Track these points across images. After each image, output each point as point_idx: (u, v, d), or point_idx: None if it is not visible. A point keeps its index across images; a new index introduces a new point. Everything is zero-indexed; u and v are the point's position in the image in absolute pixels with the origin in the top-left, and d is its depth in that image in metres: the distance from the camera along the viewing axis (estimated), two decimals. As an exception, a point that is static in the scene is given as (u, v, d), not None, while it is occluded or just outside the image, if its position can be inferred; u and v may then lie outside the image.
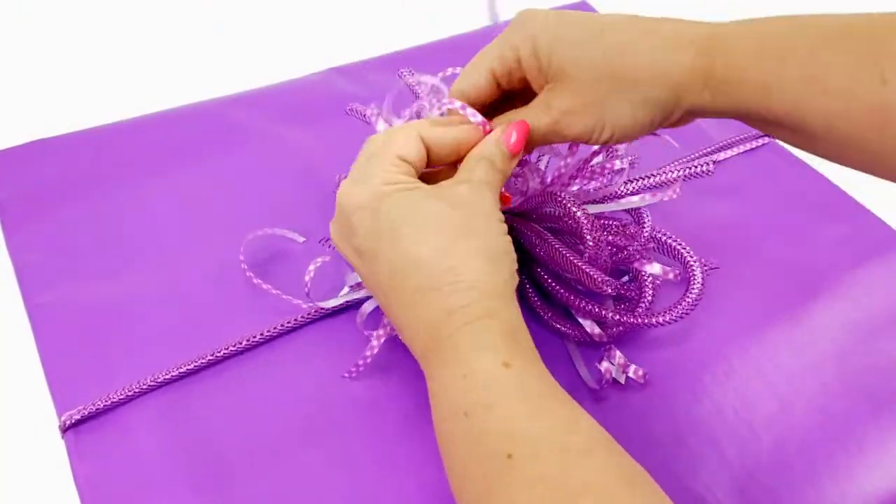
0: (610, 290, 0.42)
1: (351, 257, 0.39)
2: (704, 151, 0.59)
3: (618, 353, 0.44)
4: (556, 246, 0.43)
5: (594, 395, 0.44)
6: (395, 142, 0.38)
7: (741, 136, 0.61)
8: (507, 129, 0.39)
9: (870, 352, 0.47)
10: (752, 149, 0.60)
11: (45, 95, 0.65)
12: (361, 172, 0.38)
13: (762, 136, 0.61)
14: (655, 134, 0.42)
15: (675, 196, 0.45)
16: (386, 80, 0.65)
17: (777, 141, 0.62)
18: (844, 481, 0.41)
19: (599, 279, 0.42)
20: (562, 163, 0.45)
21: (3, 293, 0.49)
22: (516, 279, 0.37)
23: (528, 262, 0.47)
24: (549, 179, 0.46)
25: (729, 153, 0.59)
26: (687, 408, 0.44)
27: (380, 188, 0.37)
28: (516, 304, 0.36)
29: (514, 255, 0.37)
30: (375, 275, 0.37)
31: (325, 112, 0.62)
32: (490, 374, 0.33)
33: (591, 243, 0.42)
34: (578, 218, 0.41)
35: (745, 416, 0.44)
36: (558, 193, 0.42)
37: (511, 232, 0.46)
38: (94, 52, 0.70)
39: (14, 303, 0.48)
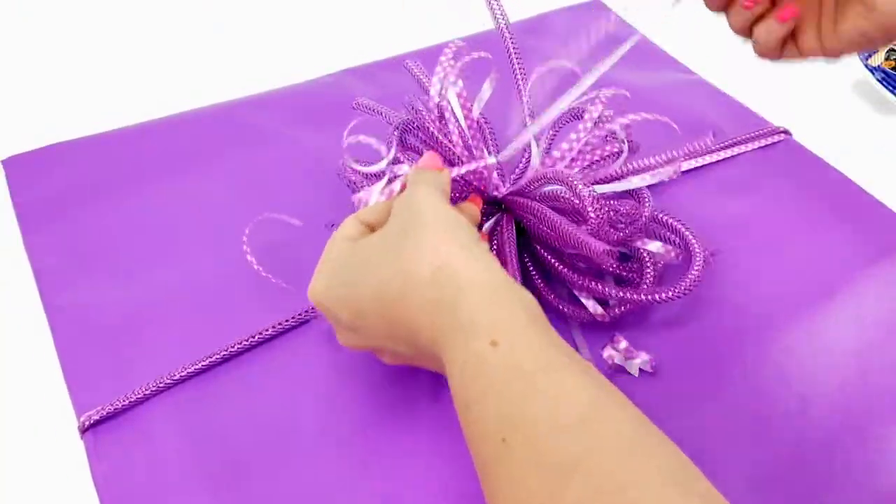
0: (612, 262, 0.42)
1: (359, 341, 0.39)
2: (719, 146, 0.59)
3: (623, 340, 0.44)
4: (557, 220, 0.43)
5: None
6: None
7: (756, 133, 0.60)
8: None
9: (890, 349, 0.47)
10: (767, 145, 0.60)
11: (62, 99, 0.65)
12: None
13: (778, 133, 0.61)
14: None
15: (675, 176, 0.46)
16: (398, 80, 0.65)
17: (793, 137, 0.61)
18: (864, 481, 0.41)
19: (601, 249, 0.41)
20: (573, 136, 0.46)
21: (23, 295, 0.49)
22: (481, 239, 0.36)
23: (527, 241, 0.47)
24: (550, 159, 0.47)
25: (743, 148, 0.59)
26: (702, 404, 0.44)
27: (327, 257, 0.39)
28: (488, 256, 0.35)
29: (470, 223, 0.37)
30: (371, 333, 0.37)
31: (338, 113, 0.62)
32: (479, 359, 0.32)
33: (592, 217, 0.41)
34: (580, 192, 0.41)
35: (763, 413, 0.43)
36: (561, 171, 0.43)
37: (509, 211, 0.47)
38: (109, 55, 0.70)
39: (33, 305, 0.48)
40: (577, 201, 0.42)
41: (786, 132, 0.61)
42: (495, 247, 0.47)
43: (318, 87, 0.66)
